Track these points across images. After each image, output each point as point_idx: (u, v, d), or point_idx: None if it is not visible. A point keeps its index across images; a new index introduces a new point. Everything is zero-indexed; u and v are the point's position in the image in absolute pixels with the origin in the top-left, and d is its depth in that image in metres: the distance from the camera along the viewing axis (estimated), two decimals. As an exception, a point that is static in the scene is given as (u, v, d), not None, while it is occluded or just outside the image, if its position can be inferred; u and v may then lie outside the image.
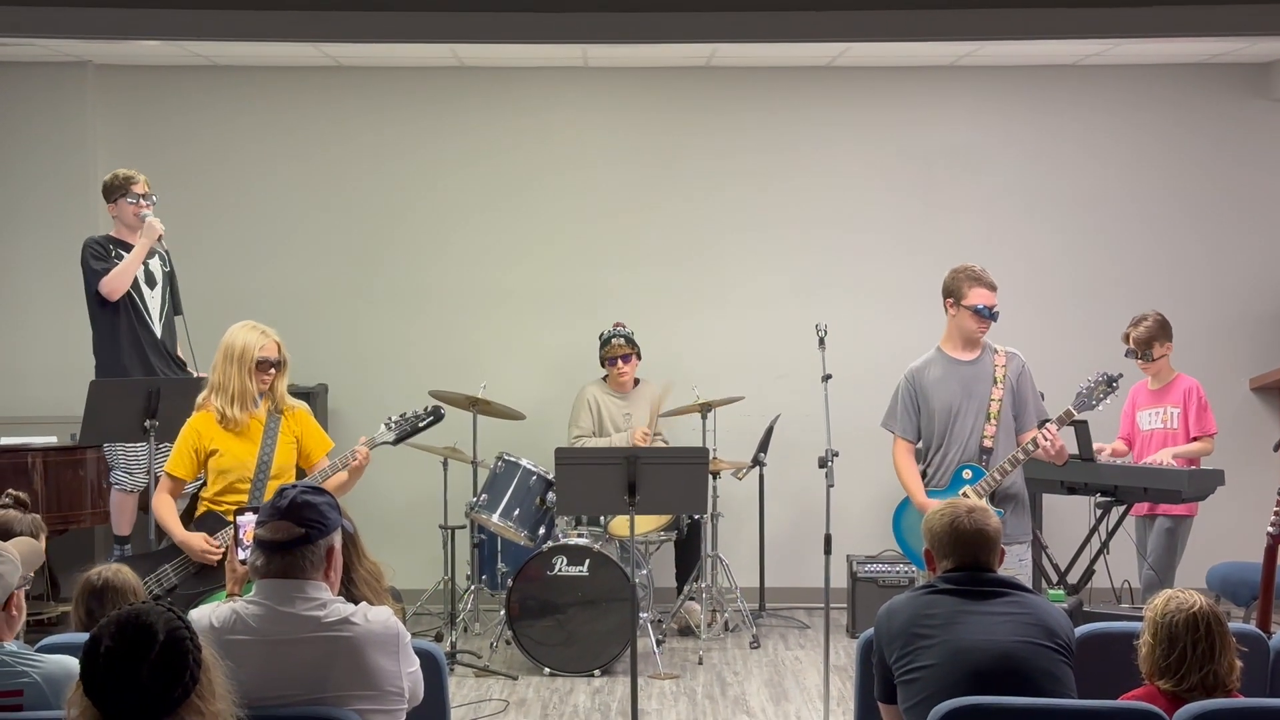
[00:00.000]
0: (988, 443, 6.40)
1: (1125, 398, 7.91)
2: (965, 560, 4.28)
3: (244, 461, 6.04)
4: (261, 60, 9.08)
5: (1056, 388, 8.80)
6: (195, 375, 7.75)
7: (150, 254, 7.76)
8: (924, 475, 6.57)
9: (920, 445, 6.64)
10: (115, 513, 7.76)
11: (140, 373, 7.57)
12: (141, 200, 7.67)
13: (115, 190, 7.70)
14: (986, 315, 6.50)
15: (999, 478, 6.32)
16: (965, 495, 6.29)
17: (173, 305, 7.90)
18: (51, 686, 3.67)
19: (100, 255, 7.61)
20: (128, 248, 7.66)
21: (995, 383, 6.46)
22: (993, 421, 6.42)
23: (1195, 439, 7.61)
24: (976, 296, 6.51)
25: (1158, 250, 9.27)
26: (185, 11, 4.62)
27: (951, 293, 6.60)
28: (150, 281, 7.76)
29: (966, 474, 6.41)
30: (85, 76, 9.03)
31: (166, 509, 6.07)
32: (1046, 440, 6.27)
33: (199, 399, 6.16)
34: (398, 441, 6.40)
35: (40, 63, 8.91)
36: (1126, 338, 7.75)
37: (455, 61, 9.06)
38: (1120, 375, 6.53)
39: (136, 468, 7.63)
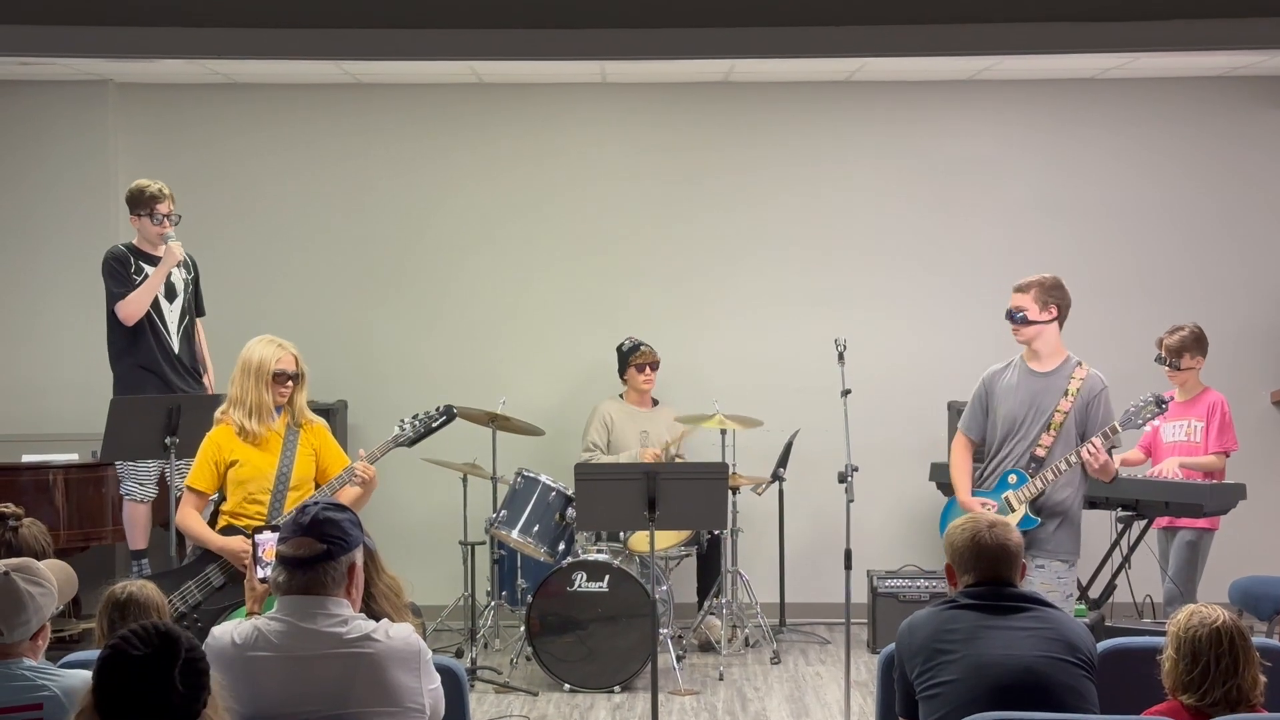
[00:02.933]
0: (1040, 451, 6.32)
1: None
2: (987, 575, 4.27)
3: (263, 472, 6.07)
4: (281, 78, 9.12)
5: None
6: (210, 386, 7.80)
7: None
8: (978, 477, 6.52)
9: (982, 446, 6.58)
10: (129, 526, 7.77)
11: (155, 386, 7.60)
12: (165, 220, 7.70)
13: (140, 205, 7.71)
14: (1008, 318, 6.49)
15: (1040, 485, 6.26)
16: (1006, 500, 6.32)
17: (195, 309, 7.92)
18: (71, 700, 3.67)
19: (119, 275, 7.63)
20: (149, 259, 7.70)
21: (1065, 395, 6.35)
22: (1051, 432, 6.32)
23: (1212, 453, 7.58)
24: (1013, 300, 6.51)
25: (1178, 263, 9.25)
26: (206, 31, 4.64)
27: None
28: (170, 295, 7.78)
29: (1011, 479, 6.37)
30: (106, 95, 9.07)
31: (194, 520, 6.10)
32: (1089, 454, 6.18)
33: (217, 412, 6.19)
34: (412, 444, 6.41)
35: (62, 81, 8.96)
36: (1159, 343, 7.73)
37: (474, 78, 9.09)
38: (1171, 398, 6.47)
39: (147, 478, 7.65)
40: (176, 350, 7.79)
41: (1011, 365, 6.56)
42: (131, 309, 7.60)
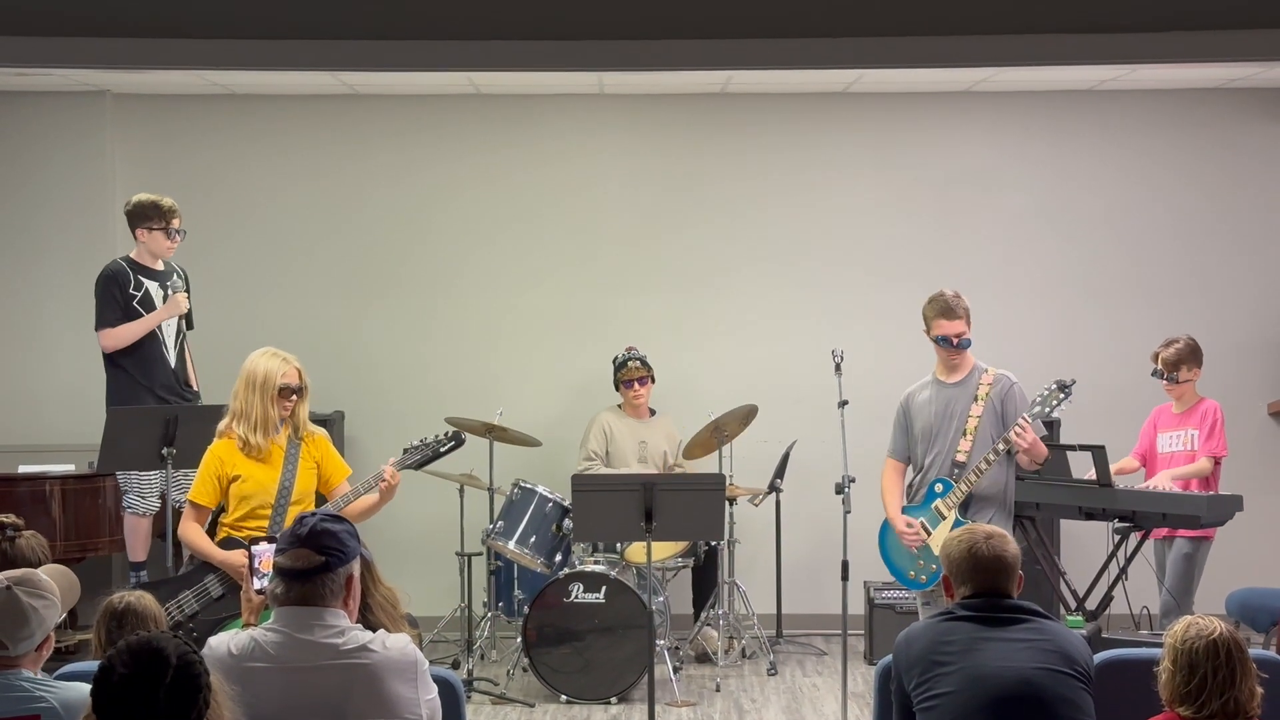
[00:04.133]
0: (960, 457, 6.47)
1: (1147, 415, 7.90)
2: (983, 586, 4.27)
3: (266, 487, 6.05)
4: (279, 89, 9.12)
5: (1074, 412, 8.81)
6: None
7: (168, 276, 7.80)
8: (910, 494, 6.65)
9: (910, 466, 6.74)
10: (130, 537, 7.76)
11: (149, 400, 7.59)
12: (178, 235, 7.71)
13: (154, 218, 7.68)
14: (950, 346, 6.56)
15: (965, 488, 6.40)
16: (936, 509, 6.46)
17: (186, 321, 7.92)
18: (69, 712, 3.68)
19: (114, 300, 7.61)
20: (149, 273, 7.70)
21: (976, 400, 6.51)
22: (968, 437, 6.47)
23: (1202, 457, 7.57)
24: (940, 328, 6.56)
25: (1175, 275, 9.26)
26: (204, 42, 4.65)
27: (924, 321, 6.66)
28: (174, 291, 7.77)
29: (938, 488, 6.50)
30: (104, 105, 9.08)
31: (195, 533, 6.09)
32: (1017, 433, 6.30)
33: (220, 426, 6.17)
34: (418, 467, 6.40)
35: (59, 92, 8.97)
36: (1155, 357, 7.72)
37: (471, 89, 9.10)
38: (1074, 381, 6.50)
39: (149, 491, 7.65)
40: (173, 365, 7.79)
41: (924, 383, 6.75)
42: (114, 341, 7.60)
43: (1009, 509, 6.59)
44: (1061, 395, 6.43)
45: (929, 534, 6.49)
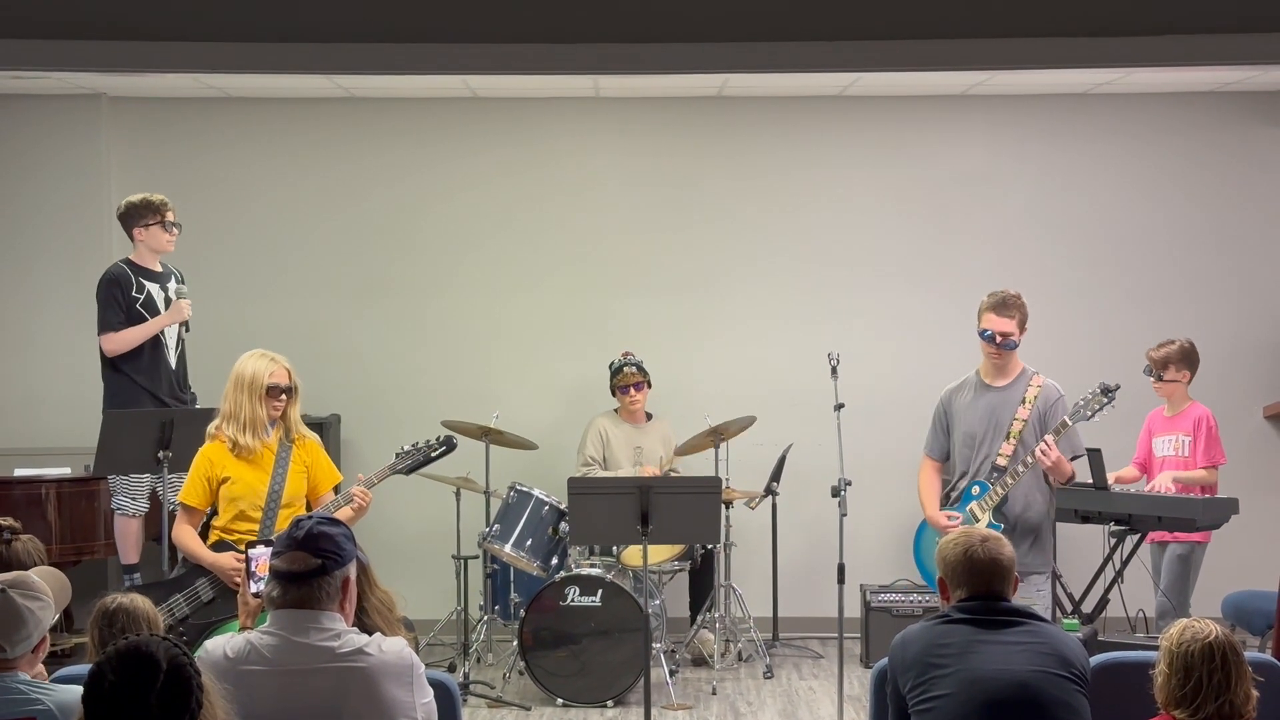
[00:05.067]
0: (1001, 460, 6.40)
1: (1142, 424, 7.92)
2: (979, 589, 4.27)
3: (255, 490, 6.05)
4: (274, 91, 9.12)
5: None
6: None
7: (168, 278, 7.80)
8: (946, 495, 6.58)
9: (947, 464, 6.67)
10: (120, 540, 7.76)
11: (149, 403, 7.59)
12: (175, 228, 7.72)
13: (148, 214, 7.69)
14: (989, 340, 6.47)
15: (1001, 491, 6.34)
16: (971, 510, 6.41)
17: (184, 325, 7.92)
18: (64, 714, 3.68)
19: (116, 303, 7.61)
20: (150, 275, 7.71)
21: (1023, 403, 6.43)
22: (1011, 441, 6.40)
23: (1203, 468, 7.60)
24: (987, 321, 6.49)
25: (1172, 278, 9.27)
26: (200, 45, 4.64)
27: (977, 316, 6.61)
28: (179, 298, 7.77)
29: (975, 490, 6.44)
30: (99, 108, 9.08)
31: (188, 536, 6.08)
32: (1042, 452, 6.25)
33: (210, 428, 6.17)
34: (409, 472, 6.40)
35: (55, 95, 8.97)
36: (1147, 355, 7.77)
37: (467, 92, 9.10)
38: (1118, 386, 6.46)
39: (139, 492, 7.64)
40: (174, 367, 7.80)
41: (966, 383, 6.62)
42: (117, 345, 7.60)
43: (1047, 539, 6.53)
44: (1105, 399, 6.35)
45: None
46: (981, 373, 6.59)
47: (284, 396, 6.13)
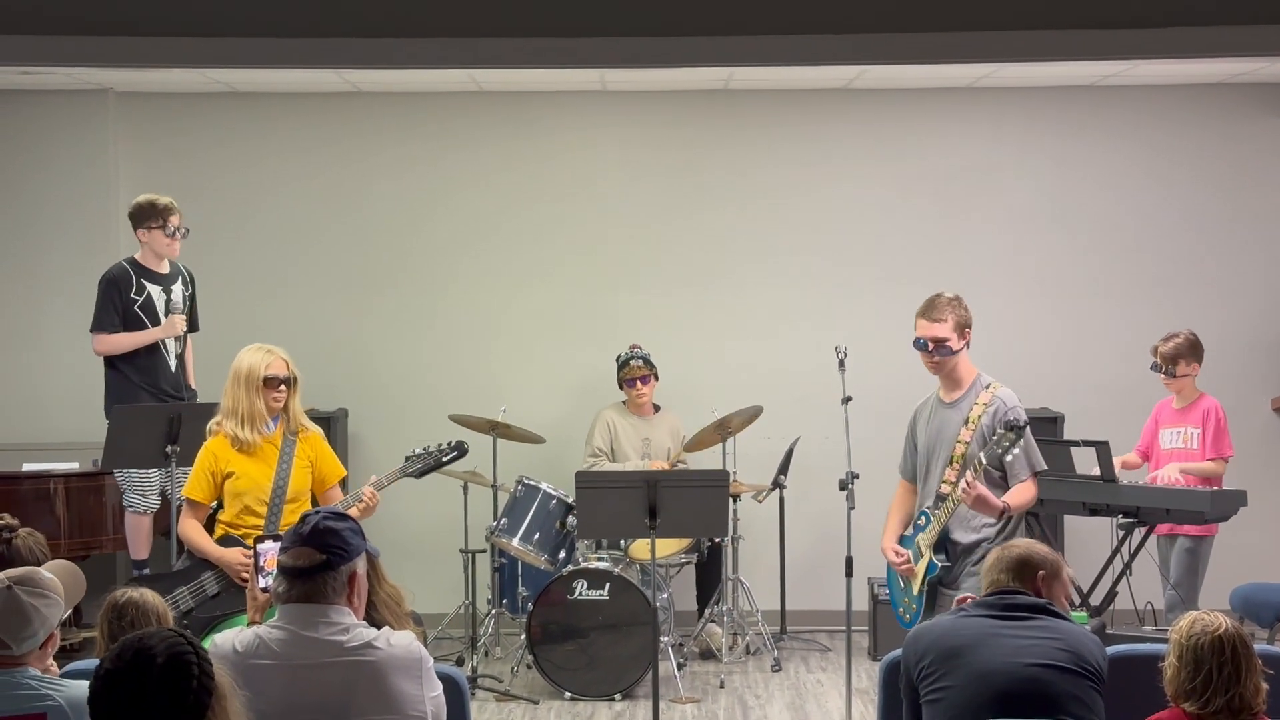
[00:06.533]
0: (945, 488, 5.72)
1: (1151, 411, 7.89)
2: (1002, 583, 4.31)
3: (260, 484, 6.05)
4: (281, 86, 9.11)
5: (1078, 408, 8.82)
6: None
7: (174, 279, 7.81)
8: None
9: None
10: (131, 536, 7.77)
11: (148, 399, 7.60)
12: (178, 233, 7.72)
13: (152, 217, 7.70)
14: (921, 348, 5.78)
15: (939, 524, 5.70)
16: (918, 544, 5.83)
17: (190, 324, 7.92)
18: (75, 709, 3.68)
19: (112, 306, 7.62)
20: (151, 275, 7.72)
21: (966, 423, 5.73)
22: (954, 465, 5.71)
23: (1210, 460, 7.58)
24: (917, 328, 5.80)
25: (1179, 269, 9.25)
26: (207, 40, 4.64)
27: None
28: (172, 311, 7.77)
29: (920, 520, 5.87)
30: (106, 104, 9.08)
31: (194, 531, 6.08)
32: (963, 491, 5.53)
33: (211, 424, 6.17)
34: (419, 476, 6.39)
35: (62, 91, 8.96)
36: (1154, 351, 7.72)
37: (473, 86, 9.10)
38: (1027, 423, 5.69)
39: (149, 489, 7.65)
40: (173, 368, 7.80)
41: (927, 400, 6.03)
42: (106, 348, 7.64)
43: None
44: (1014, 436, 5.54)
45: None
46: (940, 387, 5.93)
47: (283, 387, 6.12)
